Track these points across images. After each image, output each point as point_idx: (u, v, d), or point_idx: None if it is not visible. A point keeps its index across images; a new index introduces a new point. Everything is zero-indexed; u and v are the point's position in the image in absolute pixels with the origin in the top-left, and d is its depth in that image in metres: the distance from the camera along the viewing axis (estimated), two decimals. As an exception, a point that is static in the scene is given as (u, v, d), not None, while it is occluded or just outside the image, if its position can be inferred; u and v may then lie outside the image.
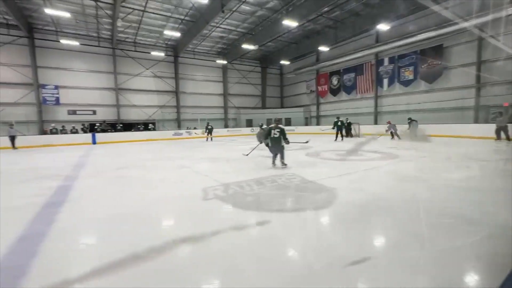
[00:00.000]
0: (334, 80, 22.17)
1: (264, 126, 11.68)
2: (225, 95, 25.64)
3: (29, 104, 17.00)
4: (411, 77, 16.50)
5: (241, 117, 25.72)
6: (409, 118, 13.01)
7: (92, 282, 2.07)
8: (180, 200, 3.74)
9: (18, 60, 16.58)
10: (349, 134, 14.91)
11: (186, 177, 5.36)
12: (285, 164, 5.93)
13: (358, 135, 15.44)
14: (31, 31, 16.68)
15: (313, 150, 9.59)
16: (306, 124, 25.25)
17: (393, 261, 2.12)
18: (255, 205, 3.42)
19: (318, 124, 24.69)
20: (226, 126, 24.85)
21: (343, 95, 21.78)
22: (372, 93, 19.14)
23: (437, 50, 14.98)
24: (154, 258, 2.25)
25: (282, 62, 23.45)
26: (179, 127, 22.60)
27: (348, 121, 15.16)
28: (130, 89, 20.61)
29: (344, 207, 3.27)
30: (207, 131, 17.34)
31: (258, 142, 8.93)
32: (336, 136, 13.19)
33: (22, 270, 2.02)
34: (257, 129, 21.34)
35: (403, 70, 16.85)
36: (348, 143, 11.65)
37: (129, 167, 6.77)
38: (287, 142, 5.86)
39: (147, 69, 21.07)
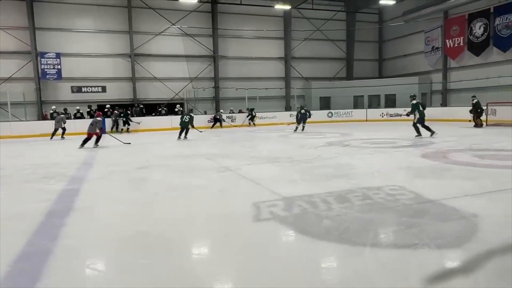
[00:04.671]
0: (477, 28, 20.28)
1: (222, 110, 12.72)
2: (288, 59, 25.82)
3: (26, 80, 20.22)
4: None
5: (312, 94, 25.61)
6: None
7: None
8: (222, 219, 3.91)
9: (14, 21, 19.79)
10: (477, 120, 14.93)
11: (230, 185, 5.61)
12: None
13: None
14: (29, -20, 19.67)
15: (434, 147, 9.01)
16: (423, 105, 23.51)
17: None
18: (335, 234, 3.37)
19: (444, 104, 22.89)
20: (288, 109, 24.99)
21: (493, 54, 19.86)
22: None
23: None
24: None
25: (383, 1, 22.24)
26: (217, 109, 23.75)
27: (474, 101, 14.97)
28: (150, 55, 22.55)
29: (497, 251, 2.94)
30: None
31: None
32: (428, 128, 11.89)
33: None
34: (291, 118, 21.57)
35: None
36: (497, 136, 10.51)
37: (151, 167, 7.39)
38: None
39: (173, 24, 22.67)
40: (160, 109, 21.54)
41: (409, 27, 24.31)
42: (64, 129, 15.27)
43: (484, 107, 15.61)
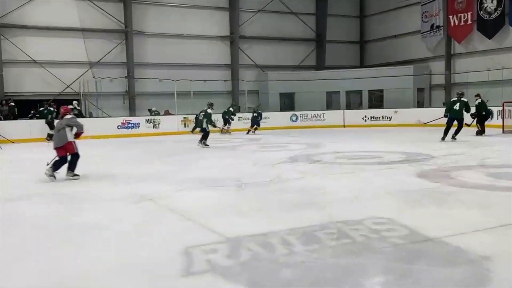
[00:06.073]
0: (489, 1, 21.68)
1: (210, 110, 14.85)
2: (235, 39, 26.02)
3: None
4: None
5: (269, 88, 26.08)
6: None
7: None
8: (135, 274, 3.79)
9: None
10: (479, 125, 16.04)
11: (148, 222, 5.46)
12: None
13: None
14: None
15: (434, 162, 9.44)
16: (420, 104, 24.67)
17: None
18: (300, 290, 3.40)
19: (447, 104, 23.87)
20: (237, 110, 25.01)
21: (509, 36, 21.30)
22: None
23: None
24: None
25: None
26: (132, 110, 23.23)
27: (478, 101, 15.94)
28: (24, 26, 21.57)
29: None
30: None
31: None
32: (446, 132, 13.79)
33: None
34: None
35: None
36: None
37: (24, 198, 6.98)
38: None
39: (63, -19, 21.99)
40: (42, 108, 20.62)
41: (400, -2, 25.57)
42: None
43: (499, 108, 16.64)
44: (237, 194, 6.98)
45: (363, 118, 23.33)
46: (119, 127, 20.17)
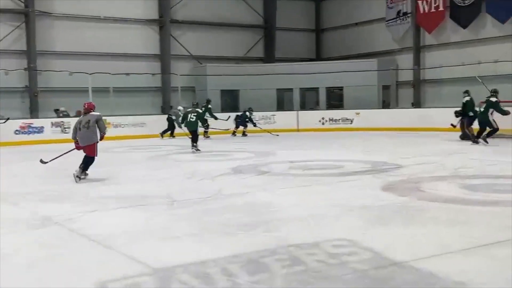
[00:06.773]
0: (462, -12, 22.54)
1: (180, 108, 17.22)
2: (165, 24, 26.08)
3: None
4: None
5: (207, 84, 26.12)
6: None
7: None
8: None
9: None
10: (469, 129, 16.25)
11: (54, 251, 5.34)
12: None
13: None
14: None
15: (402, 173, 9.71)
16: (385, 105, 25.54)
17: None
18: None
19: (417, 103, 24.87)
20: (168, 109, 24.85)
21: (486, 25, 22.17)
22: None
23: None
24: None
25: None
26: (34, 110, 22.57)
27: (466, 99, 16.31)
28: None
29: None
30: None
31: None
32: (470, 135, 14.46)
33: None
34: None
35: None
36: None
37: None
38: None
39: None
40: None
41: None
42: None
43: (475, 108, 17.21)
44: (167, 214, 6.92)
45: (320, 121, 23.67)
46: (17, 132, 19.59)
